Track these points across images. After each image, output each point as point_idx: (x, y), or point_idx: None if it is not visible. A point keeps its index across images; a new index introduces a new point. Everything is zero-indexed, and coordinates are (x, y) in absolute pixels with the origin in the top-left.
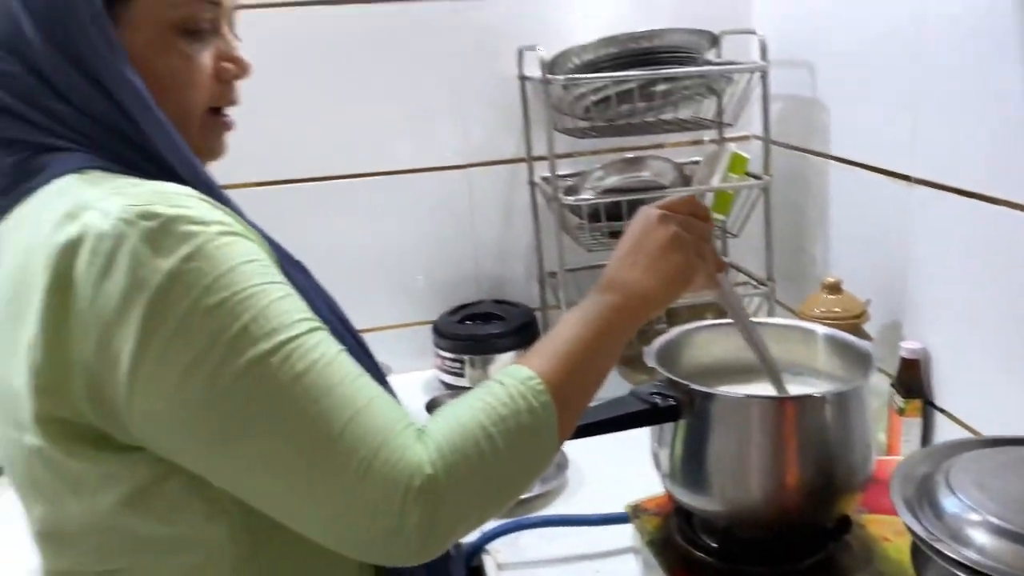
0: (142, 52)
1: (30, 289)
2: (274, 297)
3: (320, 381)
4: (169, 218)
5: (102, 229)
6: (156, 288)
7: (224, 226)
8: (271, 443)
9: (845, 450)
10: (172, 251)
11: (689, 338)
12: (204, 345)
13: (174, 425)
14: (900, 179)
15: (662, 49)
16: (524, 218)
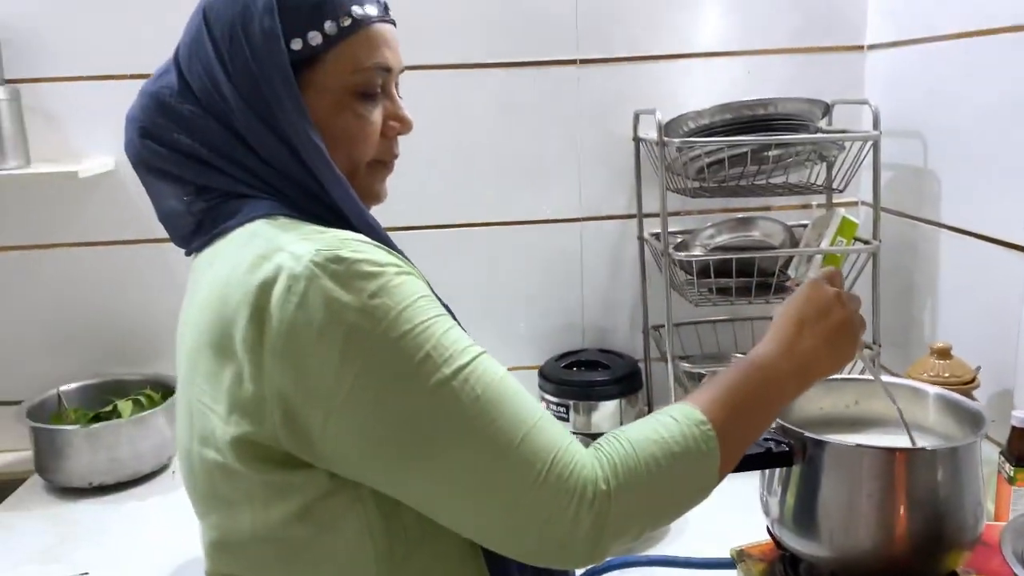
0: (322, 112)
1: (231, 323)
2: (446, 327)
3: (495, 401)
4: (353, 261)
5: (295, 271)
6: (349, 323)
7: (398, 267)
8: (456, 458)
9: (955, 506)
10: (360, 290)
11: None
12: (394, 372)
13: (367, 445)
14: (1014, 249)
15: (776, 116)
16: (631, 272)
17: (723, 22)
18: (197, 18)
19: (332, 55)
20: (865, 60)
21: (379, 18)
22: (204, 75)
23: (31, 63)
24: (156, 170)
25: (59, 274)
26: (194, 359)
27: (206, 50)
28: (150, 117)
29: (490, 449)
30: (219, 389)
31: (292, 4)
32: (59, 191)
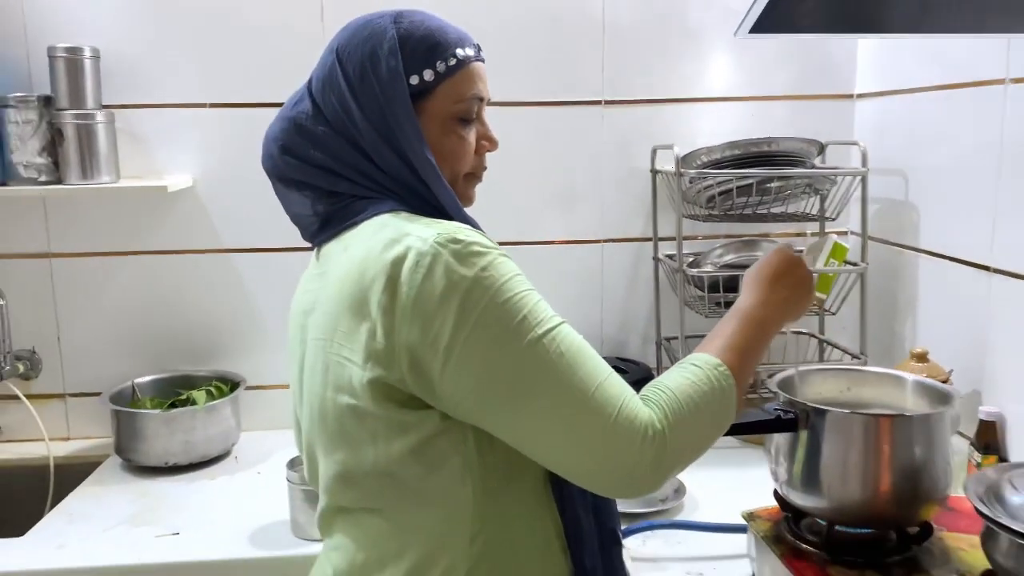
0: (433, 134)
1: (368, 291)
2: (537, 299)
3: (576, 358)
4: (468, 242)
5: (422, 249)
6: (465, 290)
7: (499, 250)
8: (547, 400)
9: (928, 465)
10: (474, 264)
11: (804, 377)
12: (499, 331)
13: (475, 389)
14: (980, 269)
15: (777, 153)
16: (646, 289)
17: (731, 71)
18: (330, 57)
19: (441, 88)
20: (855, 107)
21: (475, 58)
22: (337, 103)
23: (123, 91)
24: (291, 181)
25: (136, 279)
26: (333, 323)
27: (339, 84)
28: (289, 137)
29: (572, 395)
30: (356, 343)
31: (411, 48)
32: (143, 204)
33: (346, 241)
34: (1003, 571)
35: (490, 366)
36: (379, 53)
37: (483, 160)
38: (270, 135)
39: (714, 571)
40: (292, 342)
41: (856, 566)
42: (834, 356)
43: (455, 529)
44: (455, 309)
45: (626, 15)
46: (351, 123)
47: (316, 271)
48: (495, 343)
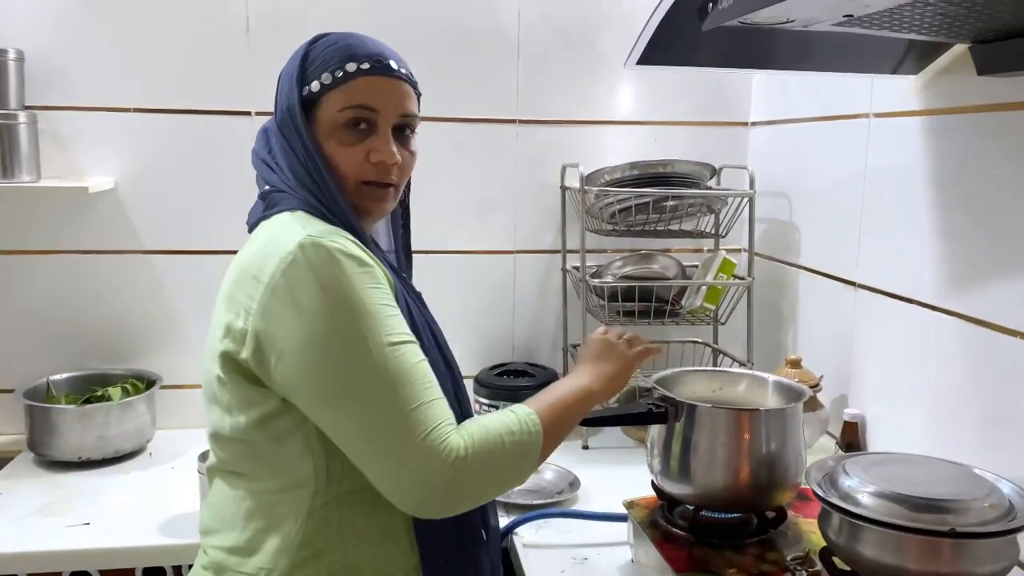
0: (321, 139)
1: (244, 279)
2: (387, 314)
3: (407, 377)
4: (330, 248)
5: (287, 249)
6: (312, 293)
7: (363, 261)
8: (366, 407)
9: (782, 454)
10: (328, 270)
11: (681, 377)
12: (337, 336)
13: (302, 385)
14: (847, 284)
15: (674, 175)
16: (555, 298)
17: (637, 97)
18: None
19: (328, 97)
20: (749, 134)
21: (369, 71)
22: (274, 107)
23: (47, 93)
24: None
25: (55, 278)
26: (221, 301)
27: (277, 91)
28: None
29: (390, 407)
30: (226, 321)
31: (310, 61)
32: (64, 204)
33: (256, 232)
34: (835, 547)
35: (319, 367)
36: (292, 65)
37: (386, 171)
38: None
39: (598, 556)
40: None
41: (717, 547)
42: (725, 363)
43: (295, 504)
44: (298, 308)
45: (540, 40)
46: (275, 125)
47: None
48: (329, 347)
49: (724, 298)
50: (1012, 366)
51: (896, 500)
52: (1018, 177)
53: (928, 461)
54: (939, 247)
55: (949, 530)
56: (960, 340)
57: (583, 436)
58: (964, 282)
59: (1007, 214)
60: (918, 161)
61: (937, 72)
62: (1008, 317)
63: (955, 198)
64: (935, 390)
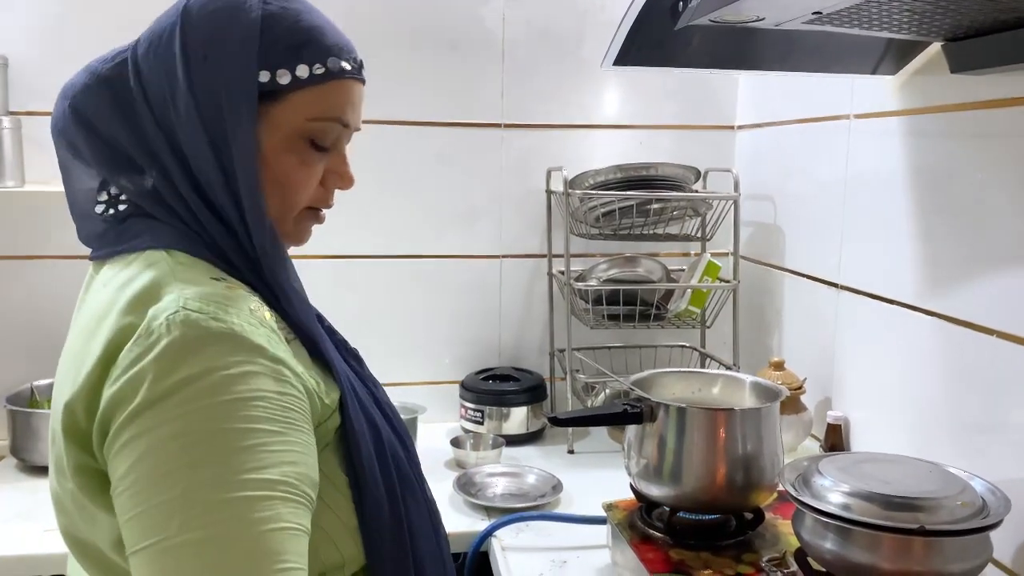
0: (269, 149)
1: (91, 347)
2: (261, 442)
3: (228, 541)
4: (209, 333)
5: (154, 323)
6: (162, 392)
7: (256, 355)
8: (171, 560)
9: (758, 454)
10: (193, 364)
11: (659, 378)
12: (171, 463)
13: (123, 500)
14: (830, 286)
15: (658, 178)
16: (541, 303)
17: (621, 101)
18: (173, 17)
19: (296, 97)
20: (736, 137)
21: (351, 75)
22: (163, 76)
23: (32, 98)
24: (78, 152)
25: (41, 282)
26: (71, 362)
27: (173, 53)
28: (89, 96)
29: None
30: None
31: (272, 37)
32: (48, 209)
33: (108, 276)
34: (807, 546)
35: (137, 500)
36: (233, 31)
37: (329, 195)
38: (66, 89)
39: (577, 559)
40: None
41: (694, 548)
42: (712, 367)
43: None
44: (143, 413)
45: (524, 45)
46: (172, 104)
47: (82, 295)
48: (146, 465)
49: (709, 301)
50: (993, 365)
51: (868, 499)
52: (992, 176)
53: (902, 460)
54: (918, 247)
55: (919, 528)
56: (940, 340)
57: (568, 440)
58: (943, 282)
59: (983, 213)
60: (896, 161)
61: (913, 72)
62: (986, 316)
63: (933, 198)
64: (917, 390)
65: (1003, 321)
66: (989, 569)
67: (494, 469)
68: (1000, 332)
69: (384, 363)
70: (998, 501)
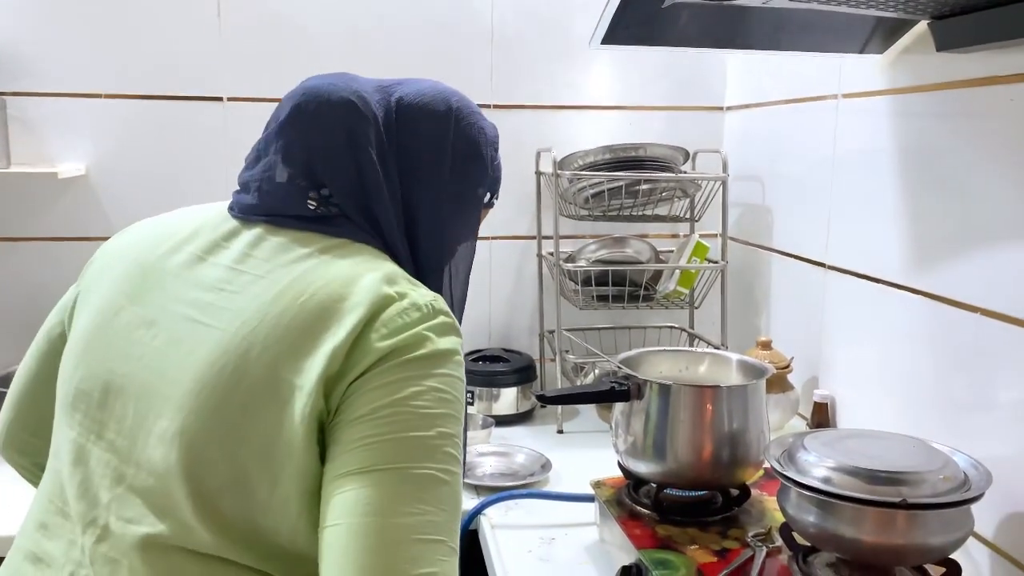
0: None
1: (340, 306)
2: (461, 423)
3: (455, 510)
4: (454, 324)
5: (418, 302)
6: (440, 353)
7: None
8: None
9: (744, 430)
10: (454, 343)
11: (647, 357)
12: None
13: (374, 425)
14: (818, 266)
15: (647, 158)
16: (531, 285)
17: (612, 82)
18: (442, 105)
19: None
20: (724, 118)
21: None
22: (427, 137)
23: (17, 78)
24: (313, 134)
25: (26, 264)
26: (278, 332)
27: (445, 131)
28: (358, 112)
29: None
30: (307, 369)
31: (496, 165)
32: (33, 191)
33: (313, 244)
34: (792, 521)
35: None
36: (484, 150)
37: None
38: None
39: (566, 536)
40: (118, 295)
41: (681, 524)
42: (700, 347)
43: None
44: (406, 374)
45: (512, 25)
46: (431, 166)
47: (226, 244)
48: (410, 405)
49: (698, 282)
50: (979, 343)
51: (851, 473)
52: (977, 154)
53: (886, 436)
54: (905, 226)
55: (901, 501)
56: (927, 318)
57: (558, 420)
58: (930, 261)
59: (970, 191)
60: (884, 141)
61: (900, 51)
62: (973, 295)
63: (919, 176)
64: (904, 369)
65: (989, 299)
66: (970, 542)
67: (484, 449)
68: (986, 310)
69: None
70: (980, 475)
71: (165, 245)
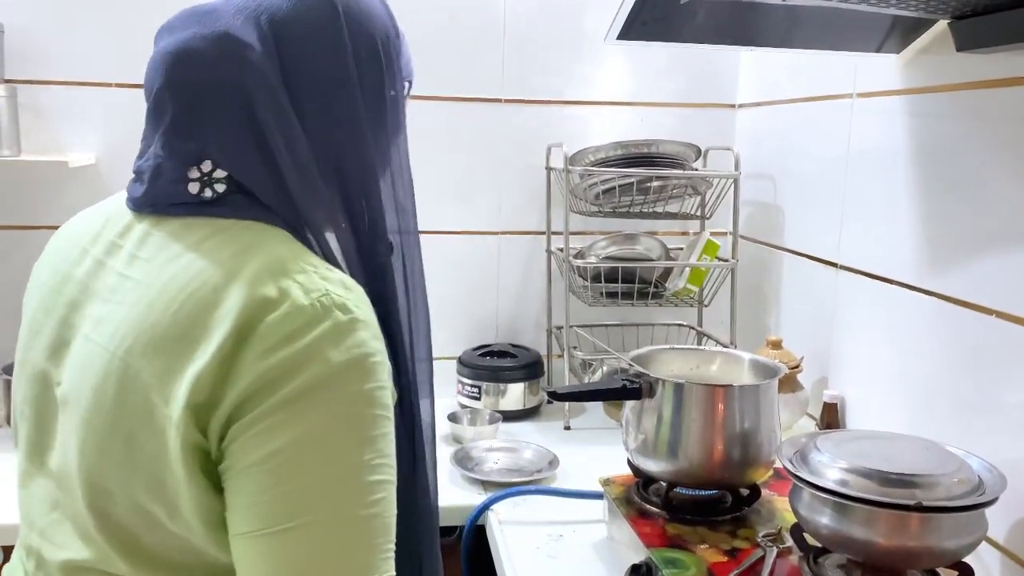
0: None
1: (209, 323)
2: (385, 430)
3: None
4: (354, 318)
5: (301, 303)
6: (331, 372)
7: (381, 344)
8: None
9: (755, 430)
10: (353, 348)
11: (658, 355)
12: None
13: (268, 475)
14: (829, 265)
15: (659, 155)
16: (539, 280)
17: (623, 78)
18: (331, 11)
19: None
20: (736, 115)
21: None
22: (323, 60)
23: (28, 66)
24: (183, 101)
25: (35, 253)
26: (145, 343)
27: (342, 46)
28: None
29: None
30: (173, 385)
31: (401, 52)
32: (44, 179)
33: (193, 234)
34: (804, 522)
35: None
36: (389, 38)
37: None
38: (186, 39)
39: (574, 533)
40: (39, 310)
41: (690, 523)
42: (709, 345)
43: None
44: (296, 387)
45: (525, 18)
46: (335, 97)
47: (120, 243)
48: (308, 445)
49: (708, 280)
50: (991, 344)
51: (865, 475)
52: (994, 156)
53: (899, 437)
54: (919, 227)
55: (916, 504)
56: (940, 320)
57: (565, 417)
58: (943, 262)
59: (985, 193)
60: (899, 141)
61: (918, 50)
62: (986, 296)
63: (933, 177)
64: (915, 370)
65: (1003, 301)
66: (983, 547)
67: (491, 444)
68: (1000, 312)
69: None
70: (994, 479)
71: (76, 250)
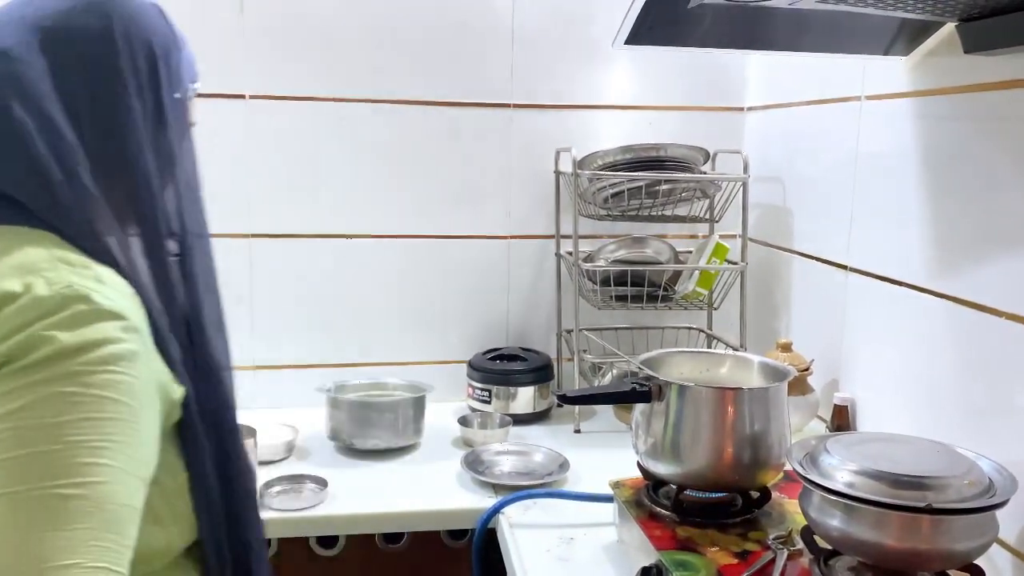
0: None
1: None
2: (122, 418)
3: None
4: (100, 308)
5: (41, 293)
6: (59, 351)
7: (133, 333)
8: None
9: (765, 433)
10: (88, 335)
11: (668, 358)
12: (35, 426)
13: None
14: (839, 268)
15: (667, 159)
16: (549, 284)
17: (631, 82)
18: (101, 19)
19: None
20: (745, 118)
21: None
22: (100, 74)
23: None
24: None
25: None
26: None
27: (115, 54)
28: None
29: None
30: None
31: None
32: None
33: None
34: (814, 524)
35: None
36: (167, 43)
37: None
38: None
39: (584, 536)
40: None
41: (701, 526)
42: (719, 348)
43: None
44: (23, 363)
45: (533, 23)
46: (110, 101)
47: None
48: (26, 418)
49: (717, 283)
50: (1001, 347)
51: (875, 477)
52: (1003, 157)
53: (909, 440)
54: (928, 229)
55: (926, 506)
56: (950, 322)
57: (575, 420)
58: (953, 264)
59: (994, 195)
60: (908, 143)
61: (926, 53)
62: (996, 298)
63: (943, 179)
64: (925, 373)
65: (1013, 303)
66: (994, 549)
67: (501, 448)
68: (1010, 314)
69: (392, 342)
70: (1005, 481)
71: None
